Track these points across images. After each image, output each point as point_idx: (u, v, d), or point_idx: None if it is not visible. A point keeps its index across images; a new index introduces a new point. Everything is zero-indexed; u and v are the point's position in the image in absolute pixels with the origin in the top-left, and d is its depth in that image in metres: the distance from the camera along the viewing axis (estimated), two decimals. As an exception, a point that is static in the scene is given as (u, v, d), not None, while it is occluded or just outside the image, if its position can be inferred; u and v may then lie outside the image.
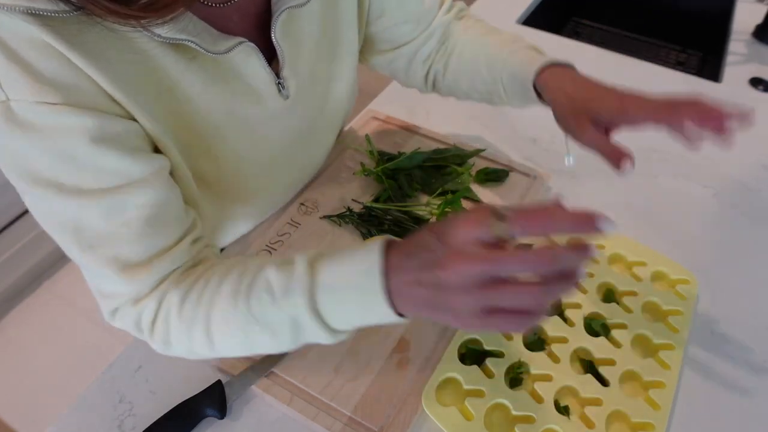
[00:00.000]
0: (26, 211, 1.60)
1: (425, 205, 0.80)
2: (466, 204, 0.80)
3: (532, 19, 1.37)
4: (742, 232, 0.84)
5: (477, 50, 0.76)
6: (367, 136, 0.90)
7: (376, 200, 0.81)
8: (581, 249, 0.38)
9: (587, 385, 0.63)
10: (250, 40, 0.57)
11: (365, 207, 0.80)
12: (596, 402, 0.62)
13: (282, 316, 0.49)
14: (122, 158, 0.49)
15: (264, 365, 0.63)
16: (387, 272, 0.44)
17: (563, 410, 0.61)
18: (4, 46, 0.43)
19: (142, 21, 0.42)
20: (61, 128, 0.46)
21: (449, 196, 0.80)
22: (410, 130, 0.95)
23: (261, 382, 0.62)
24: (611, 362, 0.65)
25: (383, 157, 0.86)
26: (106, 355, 1.64)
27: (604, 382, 0.64)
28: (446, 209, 0.78)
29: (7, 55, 0.43)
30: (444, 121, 1.00)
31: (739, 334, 0.71)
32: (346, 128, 0.96)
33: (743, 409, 0.64)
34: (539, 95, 0.69)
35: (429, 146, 0.92)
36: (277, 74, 0.63)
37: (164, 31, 0.48)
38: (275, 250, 0.76)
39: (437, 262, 0.41)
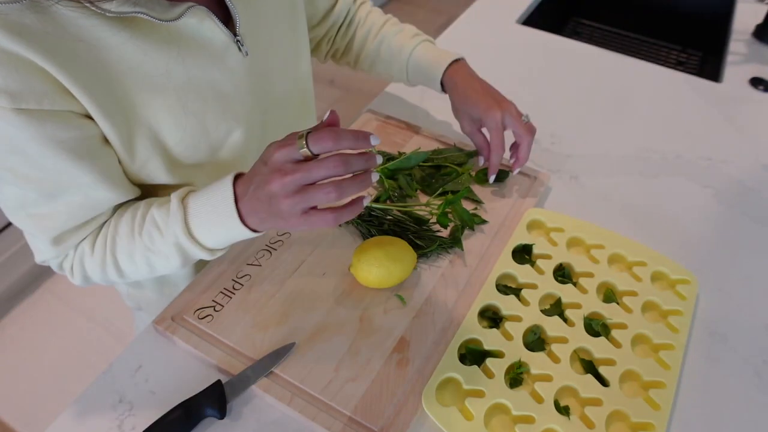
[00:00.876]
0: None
1: (425, 205, 0.80)
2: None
3: (532, 19, 1.37)
4: (742, 232, 0.84)
5: (379, 43, 0.90)
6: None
7: (376, 200, 0.81)
8: (367, 156, 0.53)
9: (587, 385, 0.63)
10: (204, 3, 0.59)
11: (365, 207, 0.80)
12: (596, 402, 0.62)
13: (168, 243, 0.61)
14: (67, 161, 0.56)
15: (264, 365, 0.63)
16: (237, 199, 0.57)
17: (563, 410, 0.61)
18: None
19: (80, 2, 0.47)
20: (14, 129, 0.51)
21: (449, 196, 0.80)
22: (410, 130, 0.95)
23: (261, 382, 0.62)
24: (611, 362, 0.65)
25: (383, 158, 0.86)
26: (106, 355, 1.64)
27: (604, 382, 0.64)
28: (446, 209, 0.78)
29: None
30: (444, 121, 1.00)
31: (739, 333, 0.71)
32: (348, 127, 0.96)
33: (743, 409, 0.64)
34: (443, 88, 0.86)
35: (429, 146, 0.92)
36: (235, 33, 0.65)
37: (113, 5, 0.51)
38: (275, 249, 0.76)
39: (265, 179, 0.53)
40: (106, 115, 0.57)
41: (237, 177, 0.58)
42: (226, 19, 0.64)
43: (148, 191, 0.69)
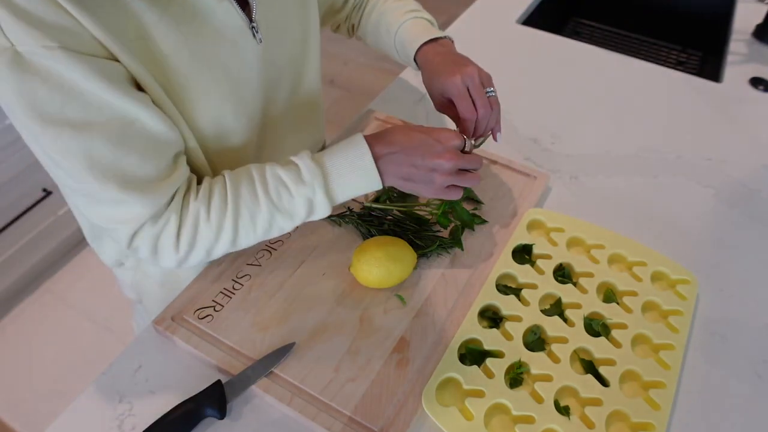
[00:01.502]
0: (26, 211, 1.60)
1: (425, 205, 0.80)
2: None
3: (532, 19, 1.37)
4: (742, 232, 0.84)
5: (378, 17, 0.88)
6: None
7: (376, 200, 0.81)
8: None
9: (587, 385, 0.63)
10: None
11: (365, 207, 0.80)
12: (596, 402, 0.62)
13: (300, 201, 0.63)
14: (119, 93, 0.54)
15: (264, 365, 0.63)
16: (377, 158, 0.64)
17: (563, 410, 0.61)
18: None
19: None
20: (65, 68, 0.50)
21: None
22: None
23: (261, 382, 0.62)
24: (611, 362, 0.65)
25: None
26: (106, 355, 1.64)
27: (604, 382, 0.64)
28: (446, 209, 0.78)
29: (6, 4, 0.47)
30: (444, 121, 1.00)
31: (739, 333, 0.71)
32: (347, 127, 0.96)
33: (744, 409, 0.64)
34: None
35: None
36: (251, 19, 0.65)
37: None
38: (275, 249, 0.76)
39: (438, 154, 0.63)
40: (143, 75, 0.57)
41: (366, 137, 0.65)
42: (243, 4, 0.64)
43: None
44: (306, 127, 0.85)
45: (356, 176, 0.64)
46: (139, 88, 0.58)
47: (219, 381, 0.62)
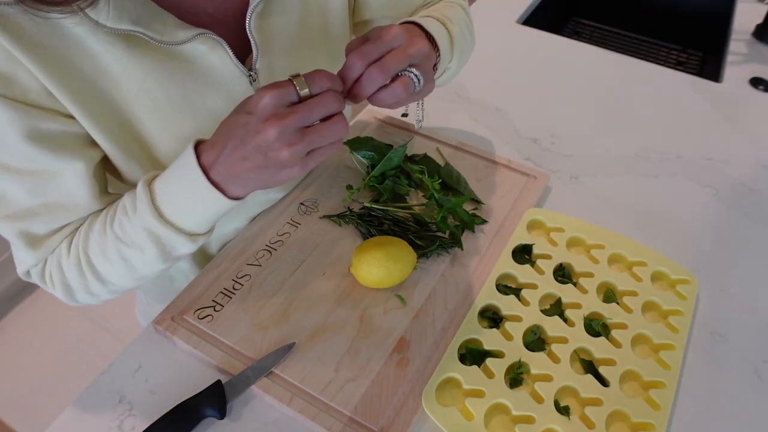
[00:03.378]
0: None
1: (426, 206, 0.80)
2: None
3: (532, 19, 1.37)
4: (742, 232, 0.84)
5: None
6: (350, 149, 0.86)
7: (375, 200, 0.81)
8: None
9: (587, 385, 0.63)
10: (222, 31, 0.56)
11: (365, 207, 0.80)
12: (596, 402, 0.62)
13: (139, 230, 0.56)
14: (49, 154, 0.54)
15: (264, 365, 0.63)
16: (206, 170, 0.52)
17: (563, 410, 0.61)
18: None
19: (71, 5, 0.44)
20: None
21: (450, 196, 0.80)
22: (410, 130, 0.95)
23: (261, 382, 0.62)
24: (611, 362, 0.65)
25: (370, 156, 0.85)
26: (106, 355, 1.64)
27: (604, 382, 0.64)
28: (446, 214, 0.77)
29: None
30: (444, 121, 1.00)
31: (739, 334, 0.71)
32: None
33: (744, 409, 0.64)
34: None
35: (428, 146, 0.92)
36: (251, 66, 0.62)
37: (108, 20, 0.48)
38: (275, 250, 0.76)
39: (255, 130, 0.48)
40: (96, 123, 0.56)
41: (197, 146, 0.54)
42: (243, 49, 0.60)
43: None
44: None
45: (189, 195, 0.54)
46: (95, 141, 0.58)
47: (219, 381, 0.62)
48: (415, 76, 0.56)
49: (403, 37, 0.55)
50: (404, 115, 0.75)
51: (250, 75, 0.62)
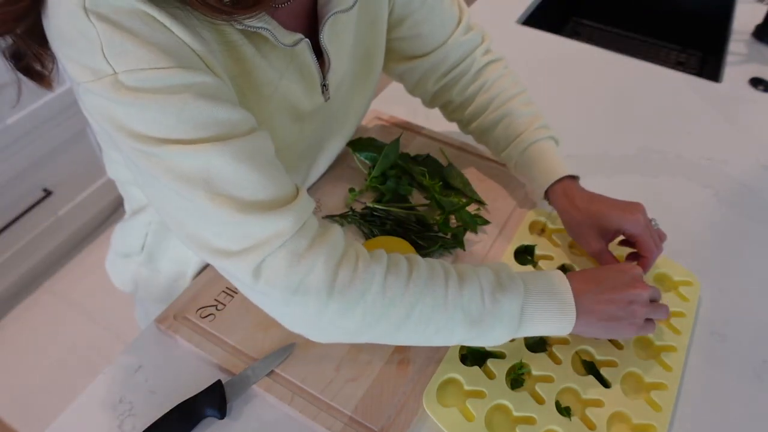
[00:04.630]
0: (26, 211, 1.60)
1: (428, 206, 0.80)
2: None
3: (532, 19, 1.37)
4: (742, 232, 0.84)
5: (503, 115, 0.80)
6: (352, 150, 0.87)
7: (378, 200, 0.81)
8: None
9: (589, 387, 0.63)
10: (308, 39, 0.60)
11: (367, 207, 0.80)
12: (597, 403, 0.62)
13: (489, 309, 0.56)
14: (232, 110, 0.50)
15: (264, 365, 0.63)
16: (575, 294, 0.59)
17: (564, 411, 0.61)
18: (109, 20, 0.44)
19: (232, 15, 0.47)
20: (177, 88, 0.47)
21: (453, 197, 0.80)
22: (413, 130, 0.95)
23: (262, 381, 0.62)
24: (613, 363, 0.65)
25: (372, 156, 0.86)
26: (106, 355, 1.64)
27: (605, 383, 0.64)
28: (447, 216, 0.77)
29: (115, 27, 0.44)
30: (447, 122, 1.00)
31: (740, 335, 0.71)
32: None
33: (745, 411, 0.64)
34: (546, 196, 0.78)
35: (431, 147, 0.92)
36: (324, 76, 0.65)
37: (248, 20, 0.51)
38: (276, 250, 0.75)
39: (631, 284, 0.61)
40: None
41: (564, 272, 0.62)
42: (319, 62, 0.64)
43: None
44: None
45: (553, 309, 0.58)
46: None
47: (219, 381, 0.62)
48: (655, 222, 0.74)
49: (641, 219, 0.70)
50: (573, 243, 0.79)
51: (324, 84, 0.66)
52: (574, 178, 0.76)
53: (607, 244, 0.73)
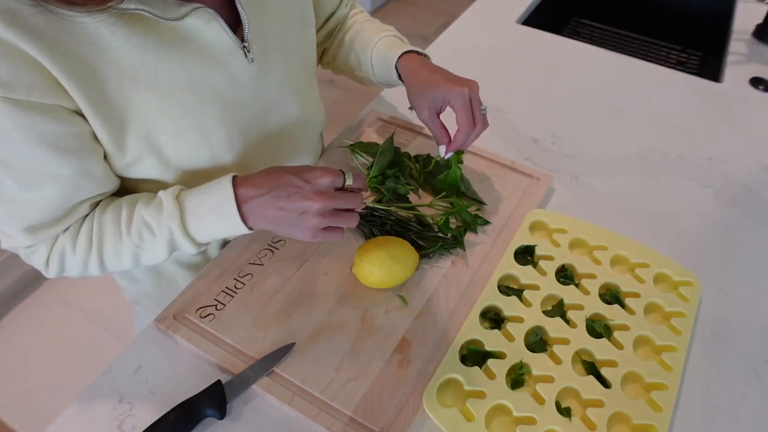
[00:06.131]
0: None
1: (428, 206, 0.80)
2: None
3: (532, 19, 1.37)
4: (742, 233, 0.84)
5: (354, 35, 0.88)
6: (352, 151, 0.88)
7: (378, 201, 0.81)
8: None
9: (589, 387, 0.63)
10: (212, 6, 0.59)
11: (367, 207, 0.80)
12: (598, 403, 0.62)
13: (162, 242, 0.63)
14: (49, 155, 0.56)
15: (264, 365, 0.63)
16: (240, 202, 0.61)
17: (565, 412, 0.61)
18: None
19: (86, 7, 0.48)
20: (0, 116, 0.51)
21: (453, 198, 0.80)
22: (413, 130, 0.95)
23: (262, 381, 0.62)
24: (613, 364, 0.65)
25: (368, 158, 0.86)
26: (106, 355, 1.64)
27: (605, 383, 0.64)
28: (449, 217, 0.77)
29: None
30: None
31: (740, 335, 0.71)
32: (347, 127, 0.96)
33: (744, 410, 0.64)
34: (400, 77, 0.82)
35: (431, 147, 0.92)
36: (243, 38, 0.64)
37: (113, 1, 0.50)
38: (277, 249, 0.75)
39: (306, 196, 0.60)
40: (98, 113, 0.57)
41: (234, 179, 0.62)
42: (235, 24, 0.63)
43: (133, 186, 0.69)
44: (305, 146, 0.84)
45: (216, 220, 0.62)
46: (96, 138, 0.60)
47: (219, 381, 0.62)
48: (486, 109, 0.76)
49: (466, 92, 0.73)
50: (411, 108, 0.79)
51: (244, 46, 0.64)
52: (423, 55, 0.81)
53: (438, 114, 0.76)
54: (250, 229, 0.63)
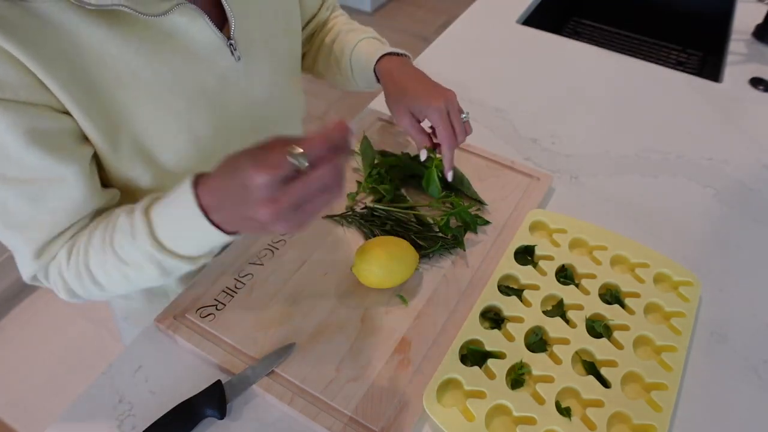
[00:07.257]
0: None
1: (429, 206, 0.80)
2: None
3: (532, 19, 1.37)
4: (742, 233, 0.84)
5: (333, 37, 0.87)
6: (355, 150, 0.87)
7: (378, 201, 0.81)
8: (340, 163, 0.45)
9: (589, 387, 0.63)
10: (197, 3, 0.58)
11: (367, 207, 0.80)
12: (598, 403, 0.62)
13: (140, 254, 0.56)
14: (46, 156, 0.54)
15: (264, 365, 0.63)
16: (206, 212, 0.51)
17: (565, 412, 0.61)
18: None
19: None
20: None
21: (453, 198, 0.80)
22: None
23: (261, 381, 0.62)
24: (613, 364, 0.65)
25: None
26: (106, 355, 1.64)
27: (605, 383, 0.64)
28: (449, 217, 0.77)
29: None
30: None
31: (740, 335, 0.71)
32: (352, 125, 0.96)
33: (745, 411, 0.64)
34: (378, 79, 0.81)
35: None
36: (230, 35, 0.63)
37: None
38: (277, 249, 0.75)
39: (252, 208, 0.46)
40: (86, 113, 0.55)
41: (198, 178, 0.53)
42: (221, 21, 0.63)
43: (133, 196, 0.66)
44: (289, 128, 0.84)
45: (182, 226, 0.54)
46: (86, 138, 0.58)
47: (219, 381, 0.62)
48: (467, 115, 0.76)
49: (443, 106, 0.72)
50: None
51: (230, 44, 0.64)
52: (403, 56, 0.80)
53: (419, 122, 0.76)
54: (231, 233, 0.54)
